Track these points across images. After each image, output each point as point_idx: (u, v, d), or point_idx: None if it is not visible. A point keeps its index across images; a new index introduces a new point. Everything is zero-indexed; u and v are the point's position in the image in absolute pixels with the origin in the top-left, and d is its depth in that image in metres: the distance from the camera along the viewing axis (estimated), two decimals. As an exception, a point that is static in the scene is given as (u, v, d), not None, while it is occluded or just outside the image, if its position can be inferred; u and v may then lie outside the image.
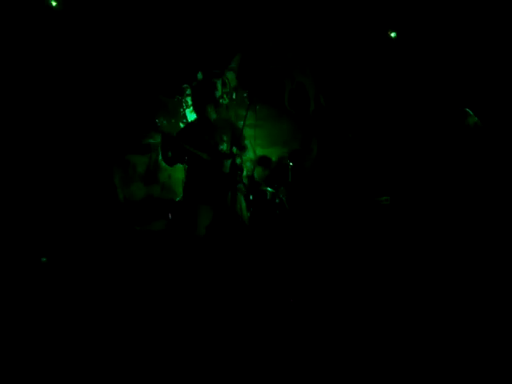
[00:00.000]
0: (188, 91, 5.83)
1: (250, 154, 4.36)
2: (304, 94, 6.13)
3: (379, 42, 6.01)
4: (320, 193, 6.07)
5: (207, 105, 4.17)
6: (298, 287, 4.06)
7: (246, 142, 4.30)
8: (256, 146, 5.08)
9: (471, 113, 4.11)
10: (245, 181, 4.35)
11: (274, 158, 5.53)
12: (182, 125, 5.73)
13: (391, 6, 5.79)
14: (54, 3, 5.19)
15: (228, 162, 4.03)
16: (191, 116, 5.72)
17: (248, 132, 4.38)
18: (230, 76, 5.93)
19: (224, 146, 4.14)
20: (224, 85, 5.88)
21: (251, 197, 4.87)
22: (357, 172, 5.87)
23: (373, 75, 5.98)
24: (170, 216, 5.18)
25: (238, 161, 4.23)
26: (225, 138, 4.18)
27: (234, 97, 5.91)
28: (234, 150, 4.22)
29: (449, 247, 3.88)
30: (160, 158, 5.65)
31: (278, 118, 6.04)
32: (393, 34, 6.04)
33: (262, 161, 5.46)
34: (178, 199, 5.29)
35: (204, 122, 4.22)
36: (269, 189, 5.16)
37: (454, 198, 3.97)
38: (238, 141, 4.18)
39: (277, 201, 5.15)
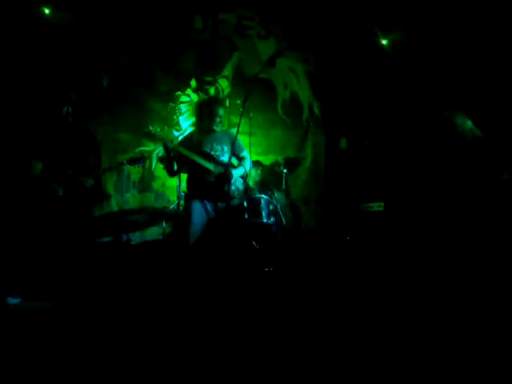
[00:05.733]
0: (181, 98, 5.83)
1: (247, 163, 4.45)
2: (298, 101, 6.14)
3: (374, 47, 6.06)
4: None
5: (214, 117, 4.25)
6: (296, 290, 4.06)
7: (245, 153, 4.35)
8: (251, 154, 5.08)
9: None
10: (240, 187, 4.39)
11: (268, 165, 5.54)
12: (175, 132, 5.73)
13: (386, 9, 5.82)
14: (47, 11, 5.21)
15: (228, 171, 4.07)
16: (184, 123, 5.72)
17: (243, 140, 4.42)
18: (224, 83, 5.94)
19: (225, 157, 4.17)
20: (217, 92, 5.90)
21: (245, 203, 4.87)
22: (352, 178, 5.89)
23: (368, 80, 6.00)
24: (164, 224, 5.16)
25: (242, 171, 4.29)
26: (226, 149, 4.22)
27: (227, 104, 5.92)
28: (234, 161, 4.27)
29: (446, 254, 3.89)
30: (153, 166, 5.70)
31: (272, 125, 6.05)
32: (384, 42, 6.09)
33: (255, 165, 5.46)
34: (171, 207, 5.28)
35: (206, 134, 4.29)
36: (264, 196, 5.16)
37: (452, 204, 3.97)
38: (238, 152, 4.26)
39: (271, 207, 5.15)
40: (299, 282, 4.35)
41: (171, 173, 4.41)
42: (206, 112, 4.37)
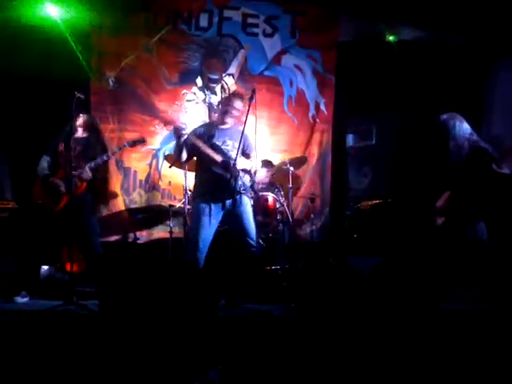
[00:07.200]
0: (187, 97, 5.83)
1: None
2: (304, 99, 6.12)
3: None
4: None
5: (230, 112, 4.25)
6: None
7: (253, 154, 4.33)
8: (257, 152, 5.08)
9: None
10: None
11: (274, 163, 5.53)
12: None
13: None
14: (53, 11, 5.23)
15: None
16: (190, 122, 5.71)
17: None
18: (229, 81, 5.93)
19: (234, 153, 4.16)
20: (223, 90, 5.89)
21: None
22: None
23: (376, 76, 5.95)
24: (171, 223, 5.17)
25: (247, 164, 4.27)
26: (236, 146, 4.20)
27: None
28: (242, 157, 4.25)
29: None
30: (160, 164, 5.71)
31: (278, 123, 6.03)
32: (391, 38, 6.05)
33: (264, 164, 5.45)
34: (178, 205, 5.28)
35: (220, 128, 4.28)
36: (271, 194, 5.15)
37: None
38: (247, 150, 4.24)
39: (278, 205, 5.15)
40: (306, 280, 4.33)
41: (180, 160, 4.38)
42: (224, 104, 4.35)
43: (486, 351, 2.79)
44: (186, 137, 4.12)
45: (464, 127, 3.88)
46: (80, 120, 4.48)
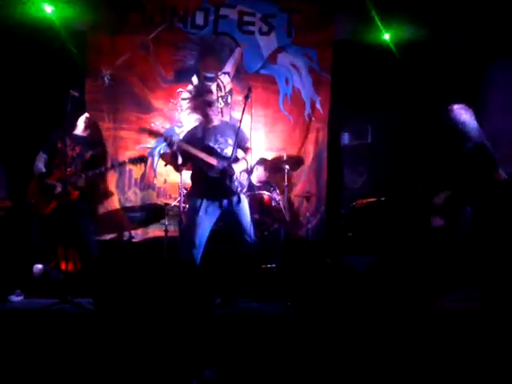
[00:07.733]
0: (183, 95, 5.82)
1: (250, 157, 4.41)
2: (300, 97, 6.11)
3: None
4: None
5: (209, 109, 4.22)
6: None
7: (249, 144, 4.31)
8: (252, 151, 5.08)
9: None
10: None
11: (270, 162, 5.52)
12: (176, 129, 5.72)
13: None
14: (48, 9, 5.19)
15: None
16: (186, 120, 5.71)
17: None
18: (225, 80, 5.92)
19: (229, 150, 4.14)
20: (219, 89, 5.88)
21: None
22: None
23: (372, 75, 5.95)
24: (166, 222, 5.16)
25: (244, 165, 4.25)
26: (230, 141, 4.19)
27: (229, 100, 5.90)
28: (240, 153, 4.24)
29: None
30: (155, 163, 5.70)
31: (274, 121, 6.02)
32: (387, 36, 6.03)
33: (260, 163, 5.44)
34: (173, 204, 5.27)
35: (208, 127, 4.26)
36: (266, 192, 5.15)
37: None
38: (242, 144, 4.22)
39: (273, 204, 5.14)
40: (302, 278, 4.33)
41: (176, 167, 4.39)
42: (200, 104, 4.35)
43: (485, 351, 2.80)
44: (176, 145, 4.11)
45: (474, 122, 3.87)
46: (82, 118, 4.48)
